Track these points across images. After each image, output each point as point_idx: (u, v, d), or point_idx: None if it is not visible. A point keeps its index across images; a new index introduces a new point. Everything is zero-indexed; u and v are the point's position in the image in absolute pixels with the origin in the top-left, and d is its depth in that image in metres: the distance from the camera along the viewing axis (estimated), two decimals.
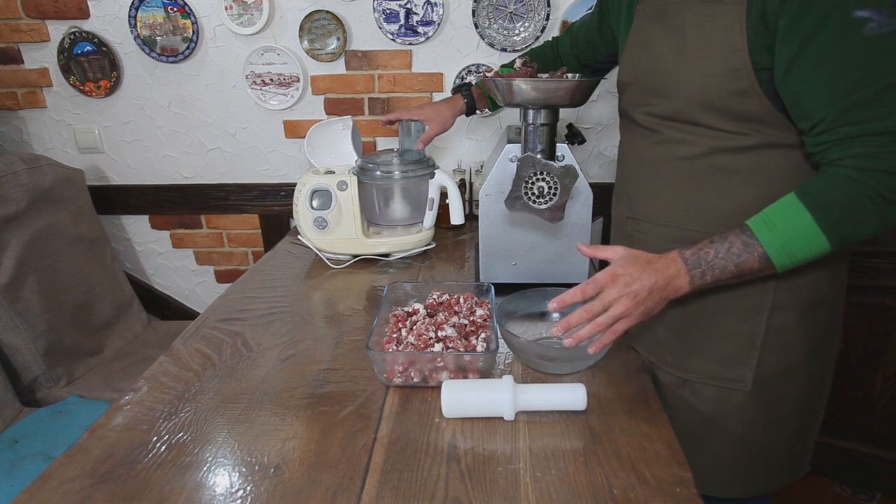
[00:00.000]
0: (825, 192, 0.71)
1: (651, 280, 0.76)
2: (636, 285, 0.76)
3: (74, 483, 0.68)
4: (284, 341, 0.99)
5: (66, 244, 1.58)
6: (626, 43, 0.95)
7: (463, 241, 1.46)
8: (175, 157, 1.76)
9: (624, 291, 0.76)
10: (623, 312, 0.76)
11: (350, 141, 1.43)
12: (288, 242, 1.47)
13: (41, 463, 1.19)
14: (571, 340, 0.78)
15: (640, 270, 0.77)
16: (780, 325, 0.87)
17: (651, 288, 0.76)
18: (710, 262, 0.76)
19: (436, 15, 1.55)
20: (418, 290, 1.03)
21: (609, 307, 0.76)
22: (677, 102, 0.84)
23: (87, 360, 1.56)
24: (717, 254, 0.76)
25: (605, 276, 0.77)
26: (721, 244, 0.76)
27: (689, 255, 0.77)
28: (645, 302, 0.76)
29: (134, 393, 0.85)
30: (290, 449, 0.73)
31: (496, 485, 0.67)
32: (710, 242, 0.77)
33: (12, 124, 1.75)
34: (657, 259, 0.78)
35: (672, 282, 0.77)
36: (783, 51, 0.72)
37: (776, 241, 0.73)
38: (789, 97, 0.74)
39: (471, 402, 0.77)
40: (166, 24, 1.59)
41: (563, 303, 0.79)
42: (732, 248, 0.75)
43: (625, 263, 0.78)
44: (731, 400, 0.91)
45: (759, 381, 0.88)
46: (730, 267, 0.76)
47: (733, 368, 0.89)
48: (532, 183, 0.98)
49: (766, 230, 0.74)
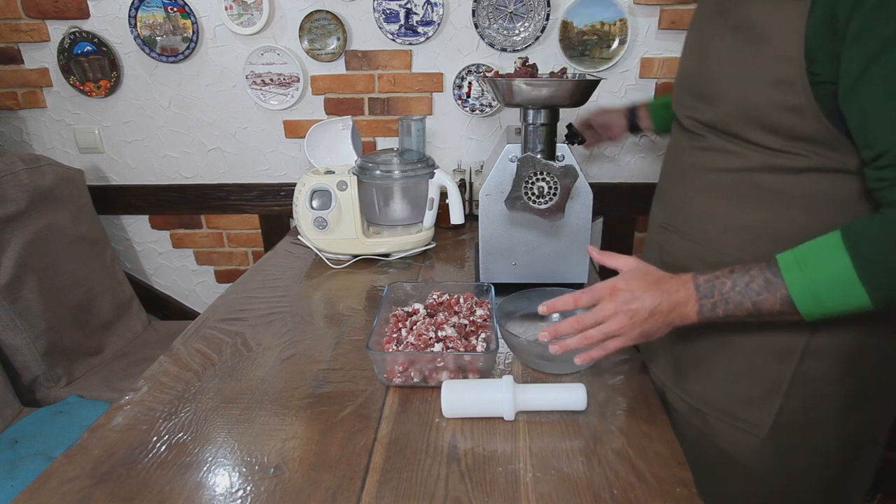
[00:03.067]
0: (875, 239, 0.60)
1: (654, 302, 0.69)
2: (636, 304, 0.69)
3: (74, 483, 0.68)
4: (284, 341, 0.99)
5: (66, 244, 1.58)
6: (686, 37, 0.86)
7: (463, 241, 1.46)
8: (175, 157, 1.76)
9: (621, 308, 0.70)
10: (617, 330, 0.70)
11: (350, 141, 1.43)
12: (288, 242, 1.47)
13: (41, 463, 1.19)
14: (558, 348, 0.74)
15: (643, 289, 0.70)
16: (812, 373, 0.75)
17: (652, 310, 0.69)
18: (724, 293, 0.67)
19: (436, 15, 1.55)
20: (418, 290, 1.03)
21: (602, 322, 0.71)
22: (721, 112, 0.73)
23: (87, 360, 1.56)
24: (735, 286, 0.67)
25: (603, 287, 0.72)
26: (741, 276, 0.67)
27: (703, 281, 0.69)
28: (643, 324, 0.70)
29: (134, 393, 0.85)
30: (290, 449, 0.73)
31: (496, 485, 0.67)
32: (729, 272, 0.68)
33: (12, 124, 1.75)
34: (667, 280, 0.71)
35: (678, 308, 0.69)
36: (851, 61, 0.60)
37: (803, 285, 0.63)
38: (854, 118, 0.62)
39: (471, 402, 0.77)
40: (166, 24, 1.59)
41: (553, 308, 0.75)
42: (753, 283, 0.66)
43: (630, 278, 0.72)
44: (744, 442, 0.81)
45: (778, 428, 0.78)
46: (746, 304, 0.66)
47: (751, 410, 0.79)
48: (532, 183, 0.98)
49: (795, 270, 0.64)
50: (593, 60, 1.57)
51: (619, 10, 1.52)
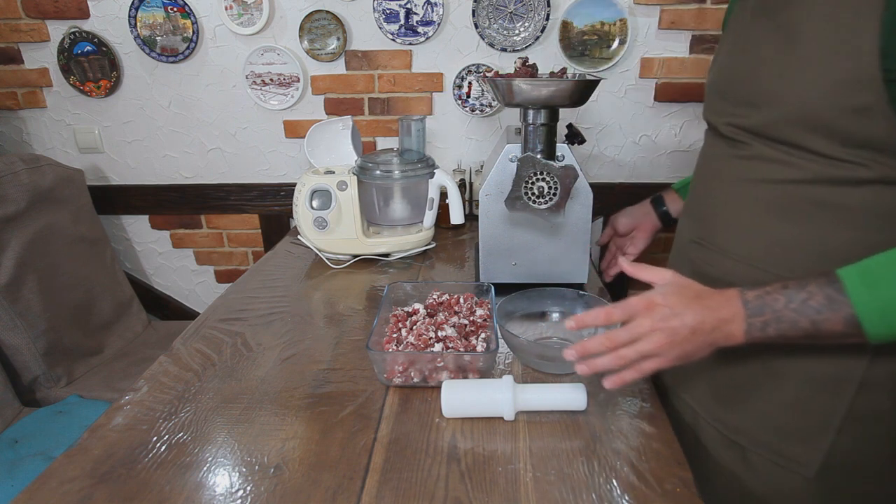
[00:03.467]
0: None
1: (696, 319, 0.62)
2: (676, 321, 0.63)
3: (74, 483, 0.68)
4: (284, 341, 0.99)
5: (66, 244, 1.58)
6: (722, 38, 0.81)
7: (463, 241, 1.46)
8: (175, 157, 1.76)
9: (659, 325, 0.63)
10: (654, 350, 0.63)
11: (350, 141, 1.43)
12: (288, 242, 1.47)
13: (41, 463, 1.19)
14: (585, 368, 0.67)
15: (684, 304, 0.63)
16: (869, 408, 0.68)
17: (694, 328, 0.62)
18: (777, 311, 0.61)
19: (436, 15, 1.55)
20: (418, 290, 1.03)
21: (637, 340, 0.64)
22: (772, 116, 0.67)
23: (87, 360, 1.56)
24: (790, 303, 0.60)
25: (640, 302, 0.65)
26: (796, 292, 0.60)
27: (752, 297, 0.62)
28: (683, 344, 0.63)
29: (134, 393, 0.85)
30: (290, 449, 0.73)
31: (496, 485, 0.67)
32: (782, 287, 0.62)
33: (12, 124, 1.75)
34: (710, 294, 0.64)
35: (723, 326, 0.63)
36: None
37: (873, 305, 0.57)
38: None
39: (471, 402, 0.77)
40: (166, 24, 1.59)
41: (582, 323, 0.68)
42: (811, 300, 0.59)
43: (668, 292, 0.65)
44: (787, 482, 0.72)
45: (828, 469, 0.70)
46: (802, 323, 0.60)
47: (797, 446, 0.71)
48: (532, 183, 0.98)
49: (862, 287, 0.58)
50: (593, 60, 1.57)
51: (619, 10, 1.52)
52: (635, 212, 1.18)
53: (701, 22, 1.53)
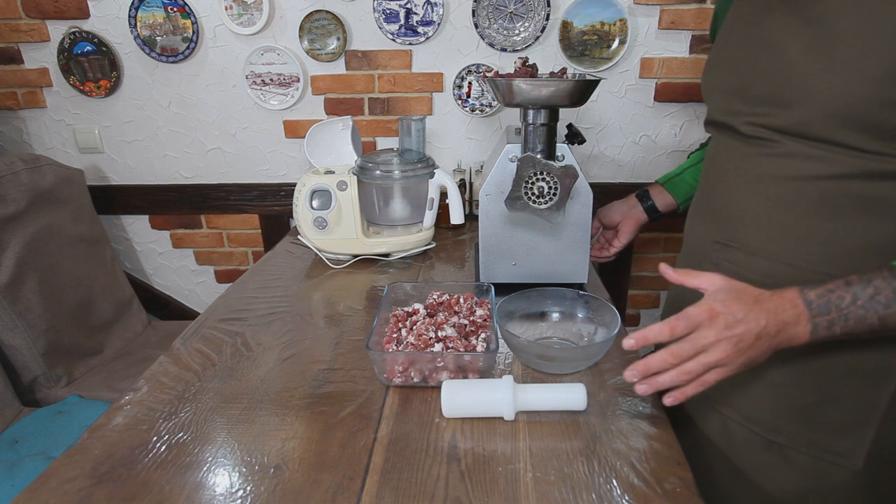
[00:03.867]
0: None
1: (760, 323, 0.61)
2: (740, 328, 0.61)
3: (74, 483, 0.68)
4: (284, 341, 0.99)
5: (66, 244, 1.58)
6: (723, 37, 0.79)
7: (463, 241, 1.46)
8: (175, 157, 1.76)
9: (724, 335, 0.61)
10: (720, 360, 0.61)
11: (350, 141, 1.43)
12: (288, 242, 1.47)
13: (41, 463, 1.19)
14: (647, 387, 0.64)
15: (746, 310, 0.61)
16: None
17: (759, 333, 0.61)
18: (843, 309, 0.60)
19: (436, 15, 1.55)
20: (418, 290, 1.03)
21: (702, 352, 0.62)
22: (802, 114, 0.65)
23: (87, 360, 1.56)
24: (856, 300, 0.59)
25: (700, 311, 0.62)
26: (862, 288, 0.60)
27: (815, 297, 0.61)
28: (749, 350, 0.61)
29: (134, 393, 0.85)
30: (290, 449, 0.73)
31: (496, 485, 0.67)
32: (845, 284, 0.60)
33: (12, 124, 1.75)
34: (768, 297, 0.63)
35: (787, 329, 0.61)
36: None
37: None
38: None
39: (471, 402, 0.77)
40: (166, 24, 1.59)
41: (645, 340, 0.64)
42: (879, 295, 0.59)
43: (726, 298, 0.63)
44: (832, 477, 0.72)
45: (875, 459, 0.70)
46: (870, 319, 0.59)
47: (841, 439, 0.71)
48: (532, 183, 0.98)
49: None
50: (593, 60, 1.57)
51: (619, 10, 1.52)
52: (621, 206, 1.20)
53: (701, 22, 1.53)
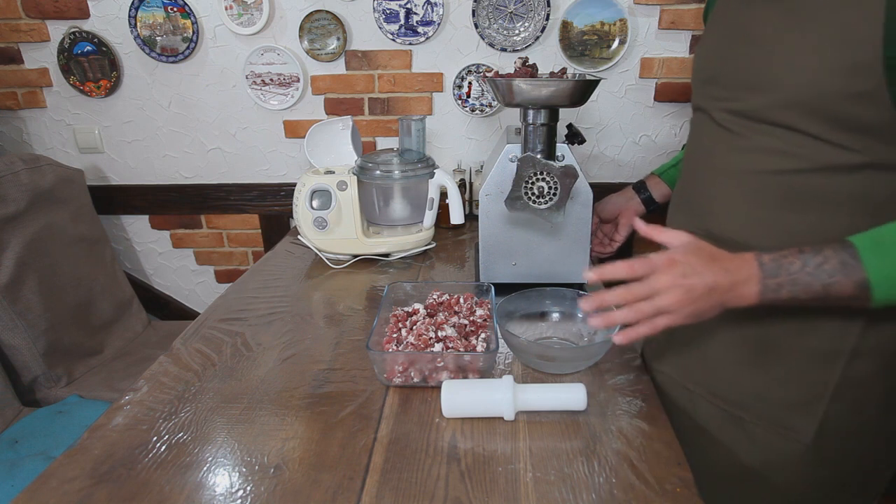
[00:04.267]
0: None
1: (713, 278, 0.64)
2: (695, 279, 0.64)
3: (74, 483, 0.68)
4: (284, 341, 0.99)
5: (66, 244, 1.58)
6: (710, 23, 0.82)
7: (463, 241, 1.46)
8: (175, 157, 1.76)
9: (679, 282, 0.65)
10: (670, 306, 0.65)
11: (350, 141, 1.43)
12: (288, 242, 1.47)
13: (41, 463, 1.19)
14: (600, 321, 0.69)
15: (703, 264, 0.65)
16: (860, 375, 0.73)
17: (711, 286, 0.64)
18: (792, 274, 0.64)
19: (436, 15, 1.55)
20: (418, 290, 1.03)
21: (656, 295, 0.66)
22: (771, 99, 0.68)
23: (87, 360, 1.56)
24: (805, 266, 0.63)
25: (661, 258, 0.67)
26: (812, 256, 0.63)
27: (769, 260, 0.65)
28: (698, 301, 0.65)
29: (134, 393, 0.85)
30: (290, 449, 0.73)
31: (496, 485, 0.67)
32: (798, 252, 0.64)
33: (12, 124, 1.75)
34: (727, 257, 0.67)
35: (738, 287, 0.65)
36: None
37: (884, 271, 0.60)
38: None
39: (471, 402, 0.77)
40: (166, 24, 1.59)
41: (603, 274, 0.68)
42: (826, 264, 0.62)
43: (687, 252, 0.67)
44: (785, 450, 0.77)
45: (824, 434, 0.75)
46: (815, 286, 0.63)
47: (794, 416, 0.76)
48: (532, 183, 0.98)
49: (875, 254, 0.61)
50: (593, 60, 1.57)
51: (619, 10, 1.52)
52: (618, 198, 1.20)
53: (701, 22, 1.53)
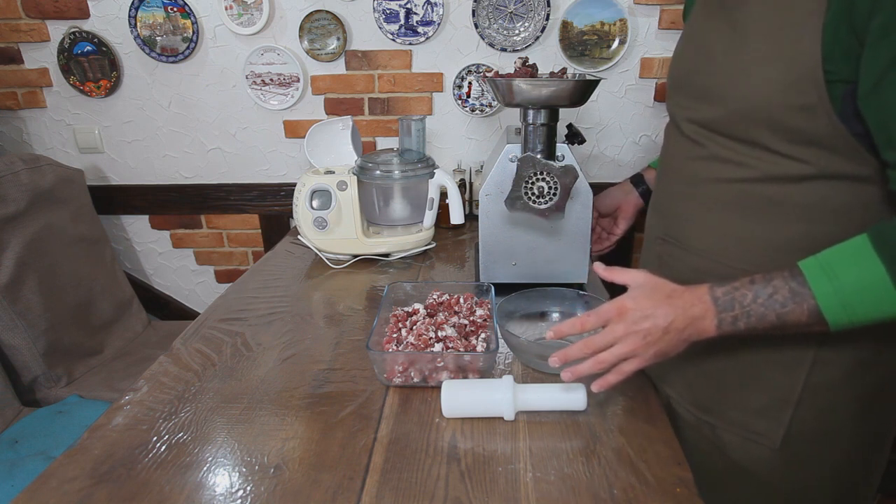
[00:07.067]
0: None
1: (667, 319, 0.66)
2: (647, 323, 0.66)
3: (74, 483, 0.68)
4: (284, 341, 0.99)
5: (66, 244, 1.58)
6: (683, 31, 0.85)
7: (463, 241, 1.46)
8: (175, 157, 1.76)
9: (632, 329, 0.66)
10: (630, 352, 0.67)
11: (350, 141, 1.43)
12: (288, 242, 1.47)
13: (41, 463, 1.19)
14: (570, 374, 0.70)
15: (655, 305, 0.67)
16: (823, 382, 0.74)
17: (666, 328, 0.66)
18: (745, 306, 0.64)
19: (436, 15, 1.55)
20: (418, 290, 1.03)
21: (613, 344, 0.68)
22: (723, 110, 0.71)
23: (87, 360, 1.56)
24: (757, 298, 0.63)
25: (611, 308, 0.69)
26: (763, 287, 0.64)
27: (721, 294, 0.66)
28: (658, 343, 0.67)
29: (134, 393, 0.85)
30: (290, 449, 0.73)
31: (496, 485, 0.67)
32: (749, 283, 0.65)
33: (12, 124, 1.75)
34: (680, 293, 0.67)
35: (695, 323, 0.66)
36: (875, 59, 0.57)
37: (834, 296, 0.60)
38: (876, 118, 0.59)
39: (471, 402, 0.77)
40: (166, 24, 1.59)
41: (560, 333, 0.71)
42: (776, 294, 0.63)
43: (639, 295, 0.68)
44: (755, 453, 0.79)
45: (791, 439, 0.76)
46: (770, 317, 0.63)
47: (761, 421, 0.77)
48: (532, 183, 0.98)
49: (824, 279, 0.60)
50: (593, 60, 1.57)
51: (619, 10, 1.52)
52: (617, 192, 1.20)
53: None
